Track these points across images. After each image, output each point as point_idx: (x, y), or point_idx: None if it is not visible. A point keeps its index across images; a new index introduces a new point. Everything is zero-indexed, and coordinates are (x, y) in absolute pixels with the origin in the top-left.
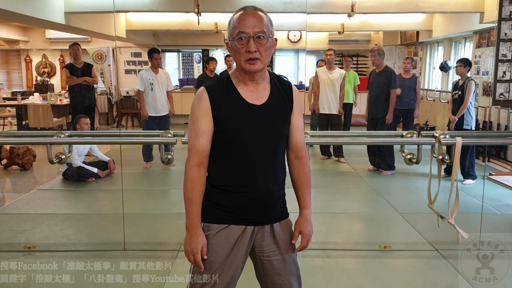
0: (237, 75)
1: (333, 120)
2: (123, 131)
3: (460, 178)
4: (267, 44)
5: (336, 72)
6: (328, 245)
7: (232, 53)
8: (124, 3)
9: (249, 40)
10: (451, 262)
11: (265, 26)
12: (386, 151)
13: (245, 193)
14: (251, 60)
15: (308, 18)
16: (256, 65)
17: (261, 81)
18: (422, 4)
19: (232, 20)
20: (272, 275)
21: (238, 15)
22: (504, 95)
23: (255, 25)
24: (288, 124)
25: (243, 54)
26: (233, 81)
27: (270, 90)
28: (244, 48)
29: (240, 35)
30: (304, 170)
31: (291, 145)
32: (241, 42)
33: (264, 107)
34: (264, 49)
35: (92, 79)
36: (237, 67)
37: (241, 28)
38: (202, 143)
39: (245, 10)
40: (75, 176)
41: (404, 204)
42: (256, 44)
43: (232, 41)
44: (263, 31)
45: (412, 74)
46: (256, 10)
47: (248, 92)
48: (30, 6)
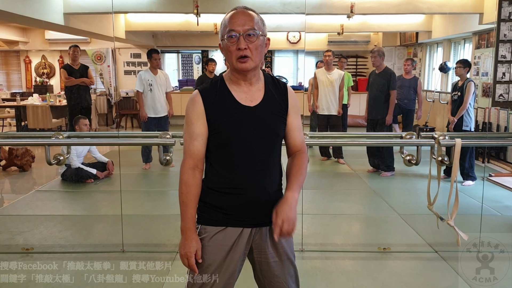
0: (231, 76)
1: (332, 121)
2: (122, 132)
3: (460, 179)
4: (258, 42)
5: (334, 73)
6: (327, 246)
7: (224, 54)
8: (123, 4)
9: (239, 38)
10: (450, 263)
11: (255, 24)
12: (386, 152)
13: (241, 195)
14: (242, 58)
15: (307, 19)
16: (247, 63)
17: (255, 82)
18: (421, 5)
19: (223, 20)
20: (270, 277)
21: (229, 15)
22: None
23: (245, 23)
24: (283, 124)
25: (233, 52)
26: (227, 83)
27: (265, 91)
28: (234, 45)
29: (231, 33)
30: (299, 159)
31: (290, 145)
32: (231, 40)
33: (258, 108)
34: (255, 47)
35: (89, 80)
36: (230, 67)
37: (231, 26)
38: (197, 146)
39: (235, 10)
40: (73, 177)
41: (403, 206)
42: (246, 42)
43: (223, 40)
44: (253, 28)
45: (413, 75)
46: (246, 10)
47: (241, 94)
48: (29, 7)
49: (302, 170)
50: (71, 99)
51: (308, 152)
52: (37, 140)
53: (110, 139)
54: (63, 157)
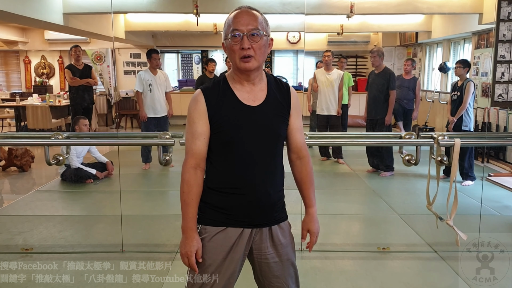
0: (234, 75)
1: (332, 121)
2: (121, 132)
3: (460, 179)
4: (261, 41)
5: (334, 73)
6: (327, 246)
7: (227, 53)
8: (123, 4)
9: (242, 37)
10: (449, 263)
11: (259, 24)
12: (385, 152)
13: (242, 195)
14: (245, 58)
15: (307, 19)
16: (251, 63)
17: (257, 82)
18: (420, 5)
19: (227, 19)
20: (270, 278)
21: (233, 14)
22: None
23: (249, 23)
24: (285, 125)
25: (237, 51)
26: (229, 82)
27: (267, 91)
28: (238, 45)
29: (234, 33)
30: (306, 169)
31: (291, 146)
32: (235, 40)
33: (260, 108)
34: (258, 47)
35: (93, 81)
36: (233, 67)
37: (235, 26)
38: (199, 146)
39: (240, 9)
40: (73, 178)
41: (403, 206)
42: (250, 41)
43: (227, 39)
44: (257, 28)
45: (413, 75)
46: (250, 9)
47: (244, 94)
48: (29, 7)
49: (312, 181)
50: (74, 99)
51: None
52: (36, 140)
53: (110, 139)
54: (62, 157)
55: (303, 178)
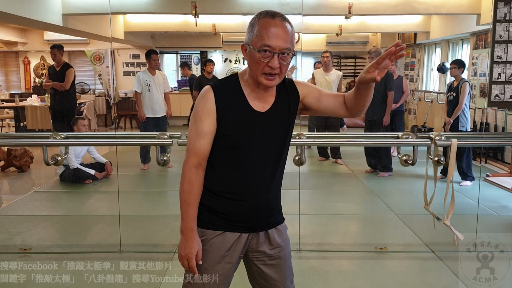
0: (248, 79)
1: (330, 122)
2: (119, 133)
3: (458, 180)
4: (288, 59)
5: (333, 73)
6: (324, 246)
7: (248, 59)
8: (122, 5)
9: (273, 55)
10: (447, 263)
11: (290, 42)
12: (383, 153)
13: (243, 201)
14: (270, 76)
15: (306, 20)
16: (274, 81)
17: (270, 88)
18: (418, 5)
19: (257, 25)
20: (266, 279)
21: (265, 22)
22: (499, 97)
23: (282, 41)
24: (291, 130)
25: (262, 66)
26: (242, 84)
27: (276, 95)
28: (266, 61)
29: (265, 48)
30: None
31: (333, 102)
32: (264, 56)
33: (268, 114)
34: (286, 66)
35: (59, 85)
36: (250, 74)
37: (268, 41)
38: (203, 145)
39: (273, 19)
40: (72, 178)
41: (400, 206)
42: (279, 61)
43: (253, 49)
44: (289, 48)
45: (397, 74)
46: (284, 21)
47: (255, 99)
48: (28, 8)
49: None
50: (51, 102)
51: (306, 153)
52: (35, 140)
53: (108, 140)
54: (61, 157)
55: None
